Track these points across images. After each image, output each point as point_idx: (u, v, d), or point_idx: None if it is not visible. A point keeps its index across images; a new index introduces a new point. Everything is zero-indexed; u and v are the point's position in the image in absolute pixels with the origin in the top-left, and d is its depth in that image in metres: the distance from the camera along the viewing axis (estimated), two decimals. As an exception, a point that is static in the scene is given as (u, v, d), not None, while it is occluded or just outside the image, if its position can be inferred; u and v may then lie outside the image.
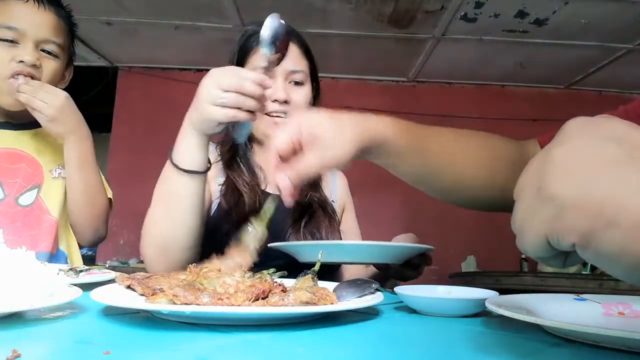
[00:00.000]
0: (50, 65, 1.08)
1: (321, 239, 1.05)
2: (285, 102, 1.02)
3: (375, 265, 1.00)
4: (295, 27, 1.14)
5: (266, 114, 1.03)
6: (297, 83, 1.05)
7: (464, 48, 3.47)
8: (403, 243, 0.90)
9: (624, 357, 0.39)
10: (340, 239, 1.12)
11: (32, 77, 1.04)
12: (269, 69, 0.80)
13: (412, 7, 2.95)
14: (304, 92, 1.06)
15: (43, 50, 1.07)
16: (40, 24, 1.06)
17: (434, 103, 4.09)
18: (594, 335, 0.40)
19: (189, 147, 0.80)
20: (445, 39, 3.34)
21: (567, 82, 4.03)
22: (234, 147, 1.09)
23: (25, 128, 1.14)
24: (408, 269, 0.94)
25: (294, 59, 1.05)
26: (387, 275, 0.99)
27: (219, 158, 1.08)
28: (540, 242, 0.32)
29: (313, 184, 1.11)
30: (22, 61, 1.02)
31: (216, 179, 1.06)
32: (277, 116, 1.03)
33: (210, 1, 2.94)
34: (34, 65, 1.04)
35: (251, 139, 1.10)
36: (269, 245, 0.84)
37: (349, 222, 1.21)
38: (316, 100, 1.14)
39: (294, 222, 1.05)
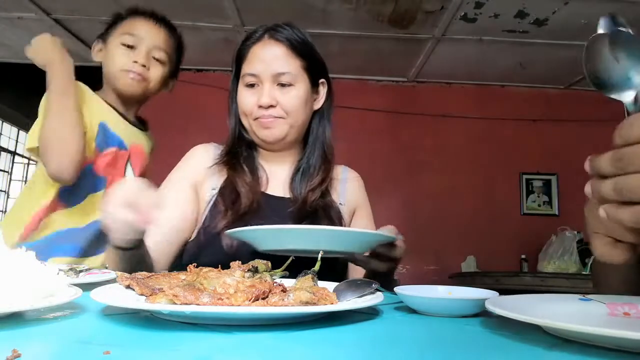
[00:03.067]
0: (157, 69, 1.35)
1: None
2: (271, 106, 1.02)
3: (340, 258, 0.96)
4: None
5: (255, 118, 1.03)
6: (283, 85, 1.03)
7: (464, 48, 3.47)
8: (362, 230, 0.86)
9: (626, 358, 0.38)
10: None
11: (141, 75, 1.31)
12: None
13: (412, 7, 2.95)
14: (294, 94, 1.03)
15: (153, 58, 1.33)
16: (153, 34, 1.34)
17: (433, 103, 4.09)
18: (594, 336, 0.40)
19: None
20: (445, 39, 3.34)
21: (567, 82, 4.03)
22: (236, 149, 1.10)
23: (143, 129, 1.46)
24: (375, 260, 0.89)
25: (279, 60, 1.03)
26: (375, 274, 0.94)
27: (217, 160, 1.08)
28: None
29: (318, 189, 1.08)
30: (135, 61, 1.29)
31: (209, 182, 1.06)
32: (267, 120, 1.03)
33: (210, 1, 2.94)
34: (143, 66, 1.31)
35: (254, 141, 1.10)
36: (226, 232, 0.85)
37: (361, 226, 1.15)
38: (329, 95, 1.13)
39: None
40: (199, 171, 1.08)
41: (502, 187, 4.00)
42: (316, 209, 1.06)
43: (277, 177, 1.11)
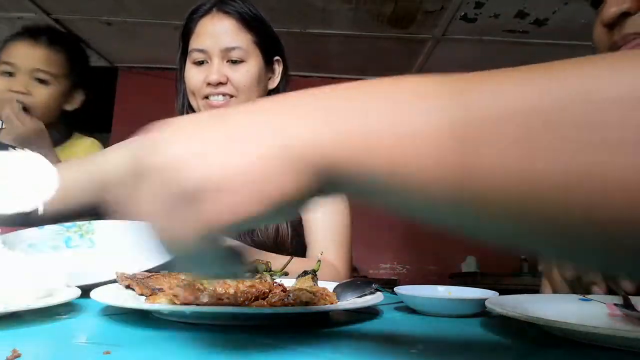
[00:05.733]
0: (42, 91, 1.30)
1: (253, 240, 0.96)
2: (221, 83, 0.97)
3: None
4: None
5: (204, 97, 0.99)
6: (235, 61, 0.99)
7: (464, 48, 3.47)
8: None
9: (625, 357, 0.38)
10: (282, 235, 0.96)
11: (22, 103, 1.24)
12: None
13: (412, 7, 2.95)
14: (245, 70, 0.99)
15: (36, 79, 1.29)
16: (32, 57, 1.28)
17: (434, 103, 4.09)
18: (594, 335, 0.40)
19: None
20: (445, 39, 3.34)
21: (567, 82, 4.03)
22: None
23: None
24: None
25: (229, 34, 0.98)
26: None
27: None
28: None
29: None
30: (11, 90, 1.25)
31: None
32: (215, 99, 0.98)
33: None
34: (23, 93, 1.26)
35: None
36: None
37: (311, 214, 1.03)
38: (285, 74, 1.08)
39: None
40: None
41: (502, 187, 4.00)
42: None
43: None
